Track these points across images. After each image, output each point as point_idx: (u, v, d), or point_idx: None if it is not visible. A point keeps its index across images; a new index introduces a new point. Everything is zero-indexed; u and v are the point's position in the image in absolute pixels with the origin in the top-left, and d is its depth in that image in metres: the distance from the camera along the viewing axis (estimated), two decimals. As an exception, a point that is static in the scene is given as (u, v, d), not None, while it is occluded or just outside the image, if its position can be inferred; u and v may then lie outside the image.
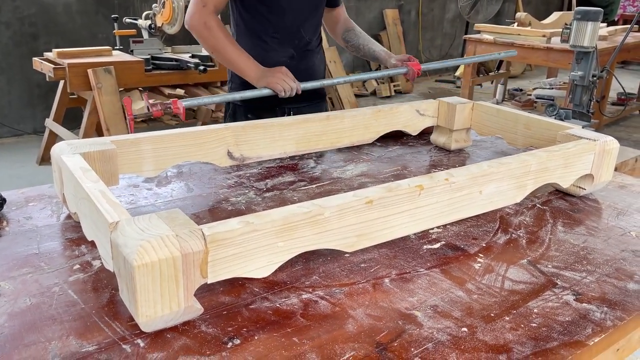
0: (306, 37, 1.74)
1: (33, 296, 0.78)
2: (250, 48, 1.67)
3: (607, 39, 4.66)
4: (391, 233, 0.91)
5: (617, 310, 0.80)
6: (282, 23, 1.68)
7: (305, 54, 1.76)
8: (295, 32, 1.71)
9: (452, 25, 7.68)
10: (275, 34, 1.68)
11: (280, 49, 1.70)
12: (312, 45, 1.78)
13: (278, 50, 1.70)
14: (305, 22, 1.72)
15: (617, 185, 1.29)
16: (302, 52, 1.75)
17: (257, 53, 1.66)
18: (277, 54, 1.70)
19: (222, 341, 0.71)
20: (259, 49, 1.68)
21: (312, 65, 1.80)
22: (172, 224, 0.72)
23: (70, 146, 1.00)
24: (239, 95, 1.52)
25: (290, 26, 1.69)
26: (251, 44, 1.69)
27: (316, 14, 1.75)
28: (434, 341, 0.72)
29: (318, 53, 1.83)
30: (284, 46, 1.71)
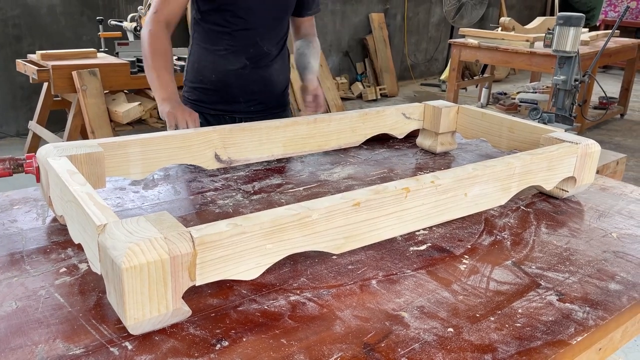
0: (264, 48, 1.67)
1: (19, 300, 0.78)
2: (203, 55, 1.65)
3: (589, 44, 4.74)
4: (378, 235, 0.92)
5: (599, 310, 0.82)
6: (240, 34, 1.63)
7: (260, 64, 1.68)
8: (253, 43, 1.65)
9: (437, 30, 7.74)
10: (231, 44, 1.63)
11: (233, 58, 1.65)
12: (271, 55, 1.71)
13: (230, 59, 1.65)
14: (265, 34, 1.66)
15: (598, 188, 1.32)
16: (256, 62, 1.67)
17: (209, 60, 1.65)
18: (228, 62, 1.65)
19: (211, 343, 0.71)
20: (211, 55, 1.65)
21: (267, 75, 1.71)
22: (160, 227, 0.72)
23: (57, 149, 0.99)
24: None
25: (248, 37, 1.64)
26: (205, 50, 1.66)
27: (279, 26, 1.70)
28: (420, 341, 0.73)
29: (277, 62, 1.74)
30: (238, 55, 1.65)
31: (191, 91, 1.72)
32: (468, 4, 6.22)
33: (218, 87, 1.67)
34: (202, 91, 1.69)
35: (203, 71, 1.67)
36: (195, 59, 1.69)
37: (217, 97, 1.68)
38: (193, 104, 1.70)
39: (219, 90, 1.68)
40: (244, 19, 1.60)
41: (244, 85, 1.68)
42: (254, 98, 1.71)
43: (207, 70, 1.66)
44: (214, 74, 1.66)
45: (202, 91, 1.69)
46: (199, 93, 1.70)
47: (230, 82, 1.67)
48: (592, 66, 2.86)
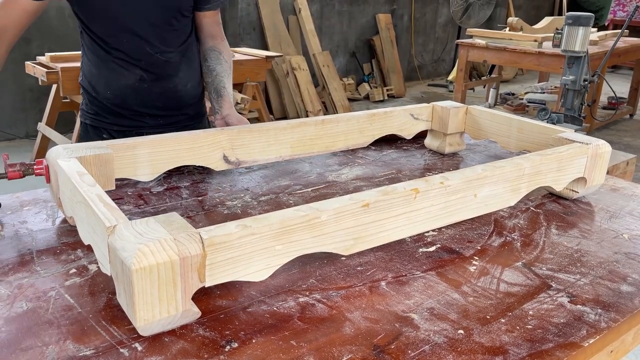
0: (160, 57, 1.44)
1: (29, 301, 0.78)
2: (94, 69, 1.46)
3: (598, 43, 4.71)
4: (387, 236, 0.92)
5: (611, 312, 0.81)
6: (126, 44, 1.41)
7: (160, 75, 1.47)
8: (144, 52, 1.43)
9: (445, 30, 7.72)
10: (119, 56, 1.42)
11: (126, 71, 1.43)
12: (172, 63, 1.48)
13: (123, 73, 1.43)
14: (155, 40, 1.43)
15: (609, 188, 1.31)
16: (155, 73, 1.46)
17: (100, 75, 1.46)
18: (122, 76, 1.44)
19: (220, 345, 0.71)
20: (102, 70, 1.45)
21: (171, 87, 1.49)
22: (169, 228, 0.72)
23: (66, 150, 0.99)
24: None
25: (136, 46, 1.42)
26: (94, 64, 1.46)
27: (172, 29, 1.45)
28: (430, 343, 0.72)
29: (182, 71, 1.51)
30: (131, 68, 1.44)
31: (89, 105, 1.52)
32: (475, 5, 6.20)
33: (116, 103, 1.47)
34: (100, 107, 1.49)
35: (96, 87, 1.47)
36: (86, 73, 1.50)
37: (117, 113, 1.49)
38: (93, 119, 1.51)
39: (119, 106, 1.48)
40: (124, 25, 1.39)
41: (146, 100, 1.48)
42: (161, 113, 1.51)
43: (100, 86, 1.46)
44: (109, 90, 1.46)
45: (100, 107, 1.49)
46: (97, 108, 1.50)
47: (128, 98, 1.47)
48: (602, 66, 2.85)
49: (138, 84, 1.45)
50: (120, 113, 1.49)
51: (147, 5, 1.38)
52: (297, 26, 5.78)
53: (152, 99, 1.48)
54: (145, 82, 1.46)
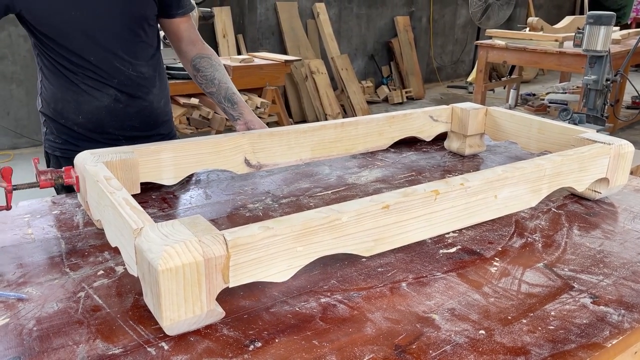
0: (132, 72, 1.36)
1: (60, 301, 0.81)
2: (59, 93, 1.34)
3: (620, 42, 4.64)
4: (407, 237, 0.93)
5: (635, 313, 0.80)
6: (92, 62, 1.31)
7: (135, 93, 1.39)
8: (114, 69, 1.33)
9: (464, 31, 7.68)
10: (89, 75, 1.32)
11: (97, 91, 1.34)
12: (147, 79, 1.40)
13: (95, 94, 1.34)
14: (119, 49, 1.33)
15: (632, 189, 1.29)
16: (130, 90, 1.37)
17: (68, 99, 1.34)
18: (94, 98, 1.34)
19: (244, 344, 0.72)
20: (70, 93, 1.34)
21: (147, 104, 1.42)
22: (194, 230, 0.74)
23: (93, 155, 1.02)
24: None
25: (106, 64, 1.32)
26: (60, 88, 1.34)
27: (140, 41, 1.37)
28: (452, 344, 0.73)
29: (156, 86, 1.44)
30: (102, 87, 1.34)
31: (55, 135, 1.40)
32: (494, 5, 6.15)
33: (90, 128, 1.37)
34: (70, 135, 1.38)
35: (64, 113, 1.36)
36: (48, 99, 1.37)
37: (91, 139, 1.38)
38: (64, 150, 1.39)
39: (93, 131, 1.38)
40: (89, 39, 1.28)
41: (122, 121, 1.39)
42: (137, 134, 1.42)
43: (68, 111, 1.35)
44: (80, 114, 1.35)
45: (71, 135, 1.38)
46: (67, 137, 1.39)
47: (102, 120, 1.37)
48: (624, 65, 2.81)
49: (113, 105, 1.36)
50: (93, 139, 1.38)
51: (112, 15, 1.29)
52: (316, 30, 5.80)
53: (128, 119, 1.39)
54: (120, 102, 1.37)
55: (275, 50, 5.47)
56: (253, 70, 3.99)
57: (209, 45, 1.51)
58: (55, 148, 1.41)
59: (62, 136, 1.39)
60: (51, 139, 1.42)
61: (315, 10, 5.76)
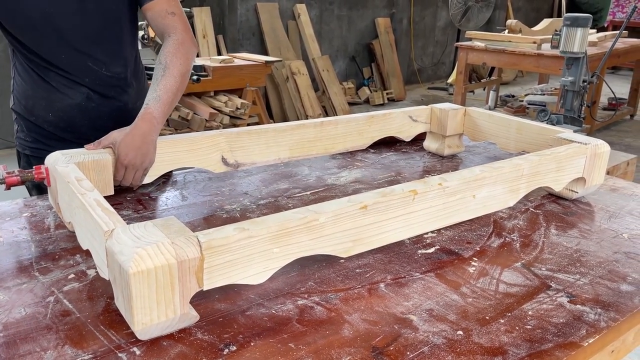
0: (104, 72, 1.31)
1: (28, 306, 0.78)
2: (31, 90, 1.30)
3: (597, 44, 4.71)
4: (386, 238, 0.92)
5: (611, 312, 0.81)
6: (63, 59, 1.26)
7: (109, 93, 1.33)
8: (85, 68, 1.28)
9: (444, 33, 7.73)
10: (59, 73, 1.27)
11: (68, 89, 1.29)
12: (122, 79, 1.35)
13: (66, 92, 1.29)
14: (97, 53, 1.28)
15: (608, 188, 1.31)
16: (103, 91, 1.32)
17: (39, 96, 1.30)
18: (65, 96, 1.29)
19: (219, 348, 0.71)
20: (41, 90, 1.29)
21: (122, 105, 1.36)
22: (167, 232, 0.72)
23: (65, 156, 1.00)
24: None
25: (76, 61, 1.27)
26: (31, 84, 1.30)
27: (114, 39, 1.31)
28: (429, 344, 0.72)
29: (132, 86, 1.39)
30: (74, 86, 1.29)
31: (26, 132, 1.35)
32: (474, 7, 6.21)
33: (61, 127, 1.33)
34: (40, 133, 1.34)
35: (34, 110, 1.32)
36: (20, 95, 1.33)
37: (61, 138, 1.33)
38: (34, 149, 1.35)
39: (64, 130, 1.33)
40: (59, 39, 1.24)
41: (94, 121, 1.33)
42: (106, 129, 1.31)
43: (39, 108, 1.31)
44: (50, 112, 1.31)
45: (41, 133, 1.34)
46: (37, 135, 1.34)
47: (74, 119, 1.32)
48: (600, 67, 2.85)
49: (85, 103, 1.31)
50: (64, 138, 1.32)
51: (85, 13, 1.23)
52: (297, 31, 5.79)
53: (101, 119, 1.32)
54: (92, 101, 1.32)
55: (256, 51, 5.44)
56: (233, 71, 3.96)
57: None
58: (26, 146, 1.37)
59: (32, 134, 1.35)
60: (22, 137, 1.37)
61: (296, 11, 5.75)
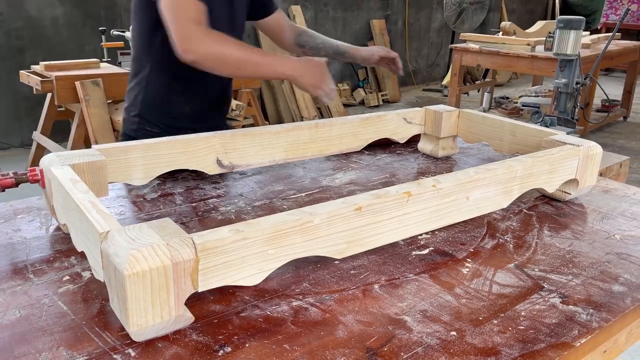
0: (228, 90, 1.56)
1: (22, 308, 0.78)
2: (166, 86, 1.41)
3: (591, 46, 4.74)
4: (380, 239, 0.92)
5: (603, 312, 0.81)
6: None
7: (229, 87, 1.53)
8: (217, 81, 1.45)
9: (439, 35, 7.76)
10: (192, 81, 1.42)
11: (207, 83, 1.43)
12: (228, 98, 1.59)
13: (205, 87, 1.44)
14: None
15: (601, 190, 1.32)
16: (227, 85, 1.51)
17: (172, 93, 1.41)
18: (203, 91, 1.45)
19: (213, 349, 0.71)
20: (179, 86, 1.42)
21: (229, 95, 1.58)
22: (162, 233, 0.72)
23: (60, 158, 1.00)
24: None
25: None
26: (170, 80, 1.42)
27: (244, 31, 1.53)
28: (423, 345, 0.72)
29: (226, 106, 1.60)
30: (212, 77, 1.36)
31: (151, 124, 1.47)
32: (469, 9, 6.23)
33: (193, 119, 1.48)
34: (169, 124, 1.46)
35: (170, 104, 1.45)
36: (153, 94, 1.44)
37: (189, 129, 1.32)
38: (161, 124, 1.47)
39: (194, 119, 1.48)
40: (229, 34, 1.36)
41: (218, 108, 1.54)
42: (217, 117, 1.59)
43: (176, 103, 1.45)
44: (188, 105, 1.45)
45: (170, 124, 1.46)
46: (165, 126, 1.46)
47: (204, 111, 1.50)
48: (594, 69, 2.86)
49: (216, 98, 1.52)
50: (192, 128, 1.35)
51: (241, 18, 1.48)
52: (292, 32, 5.79)
53: (221, 109, 1.55)
54: (222, 94, 1.53)
55: (251, 52, 5.44)
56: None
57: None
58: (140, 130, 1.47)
59: (160, 126, 1.45)
60: (143, 130, 1.45)
61: (291, 13, 5.75)
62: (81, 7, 4.58)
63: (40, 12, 4.37)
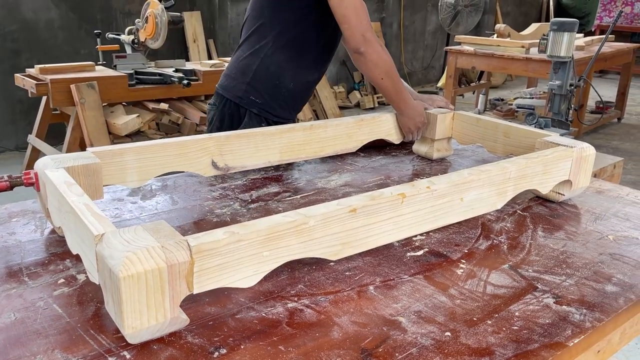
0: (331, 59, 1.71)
1: (17, 311, 0.78)
2: (288, 65, 1.59)
3: (584, 49, 4.77)
4: (375, 241, 0.93)
5: (596, 312, 0.82)
6: (334, 45, 1.65)
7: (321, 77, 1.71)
8: (332, 53, 1.67)
9: (434, 37, 7.78)
10: (313, 55, 1.62)
11: (314, 68, 1.65)
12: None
13: (310, 71, 1.64)
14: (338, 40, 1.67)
15: (594, 191, 1.32)
16: (322, 75, 1.70)
17: (291, 68, 1.60)
18: (309, 74, 1.65)
19: (209, 351, 0.71)
20: (293, 64, 1.60)
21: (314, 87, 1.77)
22: (157, 236, 0.73)
23: (54, 161, 1.00)
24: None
25: (334, 44, 1.65)
26: (287, 59, 1.59)
27: None
28: (418, 346, 0.73)
29: None
30: (319, 66, 1.66)
31: (257, 93, 1.63)
32: (463, 12, 6.25)
33: (293, 95, 1.66)
34: (272, 95, 1.63)
35: (281, 77, 1.62)
36: (274, 64, 1.60)
37: (284, 104, 1.65)
38: (259, 108, 1.64)
39: (294, 99, 1.67)
40: (336, 30, 1.58)
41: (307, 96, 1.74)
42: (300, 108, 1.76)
43: (286, 77, 1.61)
44: (292, 82, 1.63)
45: (273, 96, 1.63)
46: (269, 97, 1.63)
47: (305, 92, 1.70)
48: (587, 71, 2.88)
49: (313, 83, 1.70)
50: (286, 106, 1.65)
51: None
52: (287, 35, 5.80)
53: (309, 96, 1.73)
54: (315, 83, 1.71)
55: (247, 55, 5.44)
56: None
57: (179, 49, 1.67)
58: (254, 104, 1.63)
59: (265, 96, 1.61)
60: (253, 98, 1.62)
61: (286, 16, 5.75)
62: (76, 10, 4.58)
63: (36, 15, 4.36)
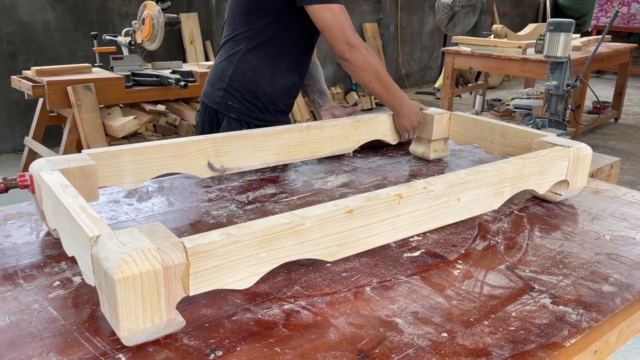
0: (307, 65, 1.70)
1: (12, 314, 0.78)
2: (260, 67, 1.57)
3: (581, 49, 4.78)
4: (372, 242, 0.93)
5: (593, 312, 0.82)
6: (311, 41, 1.63)
7: (301, 81, 1.70)
8: (308, 59, 1.66)
9: (431, 38, 7.79)
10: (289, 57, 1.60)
11: (290, 73, 1.62)
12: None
13: (288, 75, 1.62)
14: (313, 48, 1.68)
15: (591, 191, 1.32)
16: (302, 79, 1.69)
17: (268, 74, 1.58)
18: (286, 78, 1.62)
19: (205, 353, 0.71)
20: (269, 69, 1.58)
21: (298, 91, 1.74)
22: (153, 237, 0.72)
23: (49, 163, 0.99)
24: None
25: (306, 48, 1.63)
26: (261, 63, 1.57)
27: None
28: (414, 347, 0.73)
29: None
30: (298, 67, 1.64)
31: (234, 99, 1.62)
32: (460, 12, 6.26)
33: (270, 100, 1.63)
34: (250, 101, 1.61)
35: (258, 82, 1.59)
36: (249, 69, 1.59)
37: (263, 108, 1.63)
38: (237, 113, 1.62)
39: (272, 103, 1.64)
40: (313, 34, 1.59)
41: (290, 99, 1.72)
42: (287, 111, 1.73)
43: (263, 83, 1.60)
44: (270, 87, 1.61)
45: (251, 101, 1.61)
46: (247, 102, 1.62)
47: (280, 96, 1.66)
48: (584, 71, 2.88)
49: (292, 87, 1.67)
50: (265, 109, 1.63)
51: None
52: (284, 36, 5.80)
53: (292, 98, 1.71)
54: (295, 86, 1.67)
55: (244, 56, 5.43)
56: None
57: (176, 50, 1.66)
58: (231, 109, 1.61)
59: (244, 102, 1.60)
60: (230, 103, 1.61)
61: (283, 17, 5.76)
62: (73, 12, 4.57)
63: (32, 16, 4.35)
